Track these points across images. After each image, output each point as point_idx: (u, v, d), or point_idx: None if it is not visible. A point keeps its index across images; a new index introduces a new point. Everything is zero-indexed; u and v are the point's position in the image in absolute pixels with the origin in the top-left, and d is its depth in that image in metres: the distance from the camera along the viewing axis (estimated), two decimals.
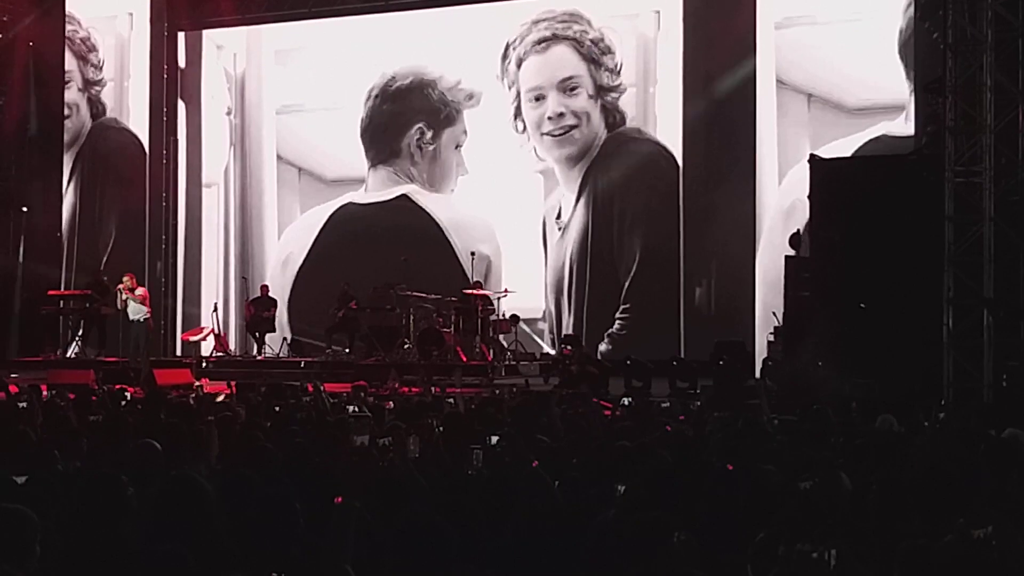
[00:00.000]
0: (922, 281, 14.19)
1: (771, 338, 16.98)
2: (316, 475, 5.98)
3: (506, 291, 20.51)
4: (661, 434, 8.33)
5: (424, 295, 20.79)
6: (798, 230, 17.10)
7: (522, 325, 20.28)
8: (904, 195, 14.55)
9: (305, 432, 8.07)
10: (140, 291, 19.61)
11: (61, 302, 21.90)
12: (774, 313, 17.62)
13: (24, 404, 10.23)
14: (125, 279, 19.82)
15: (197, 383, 15.43)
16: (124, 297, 19.45)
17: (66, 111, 24.19)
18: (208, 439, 7.57)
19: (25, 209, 23.89)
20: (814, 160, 16.23)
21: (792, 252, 16.49)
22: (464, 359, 18.95)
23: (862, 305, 14.49)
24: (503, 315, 20.12)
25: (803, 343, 14.62)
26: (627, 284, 20.23)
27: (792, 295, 15.56)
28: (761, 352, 17.61)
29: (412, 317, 20.17)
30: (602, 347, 19.89)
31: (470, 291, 19.84)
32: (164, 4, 23.46)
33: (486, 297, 19.83)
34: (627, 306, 20.20)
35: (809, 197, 16.31)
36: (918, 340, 14.02)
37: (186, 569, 4.30)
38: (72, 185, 24.36)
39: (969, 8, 14.16)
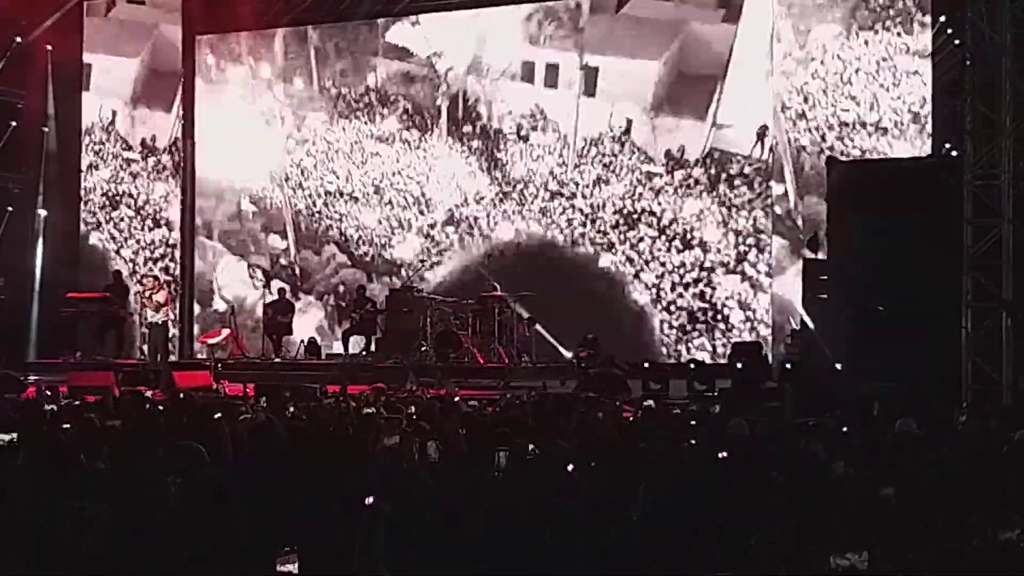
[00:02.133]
0: (941, 284, 14.18)
1: (789, 340, 16.99)
2: (347, 476, 6.02)
3: (523, 293, 20.54)
4: (684, 437, 8.34)
5: (441, 297, 20.85)
6: (816, 232, 17.10)
7: (538, 327, 20.29)
8: (923, 197, 14.53)
9: (332, 434, 8.11)
10: (161, 295, 19.74)
11: (79, 304, 21.96)
12: (791, 316, 17.64)
13: (52, 407, 10.28)
14: (146, 282, 19.99)
15: (217, 385, 15.49)
16: (142, 302, 19.66)
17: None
18: (234, 441, 7.62)
19: (44, 213, 24.06)
20: (832, 162, 16.24)
21: (810, 254, 16.51)
22: (481, 361, 18.97)
23: (880, 308, 14.47)
24: (520, 317, 20.13)
25: (821, 346, 14.63)
26: None
27: (810, 297, 15.54)
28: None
29: (429, 319, 20.23)
30: None
31: (487, 293, 19.89)
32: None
33: (503, 299, 19.87)
34: None
35: (827, 199, 16.33)
36: (937, 343, 14.00)
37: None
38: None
39: (988, 11, 14.15)
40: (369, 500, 4.88)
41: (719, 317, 19.72)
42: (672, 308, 20.11)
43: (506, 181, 21.59)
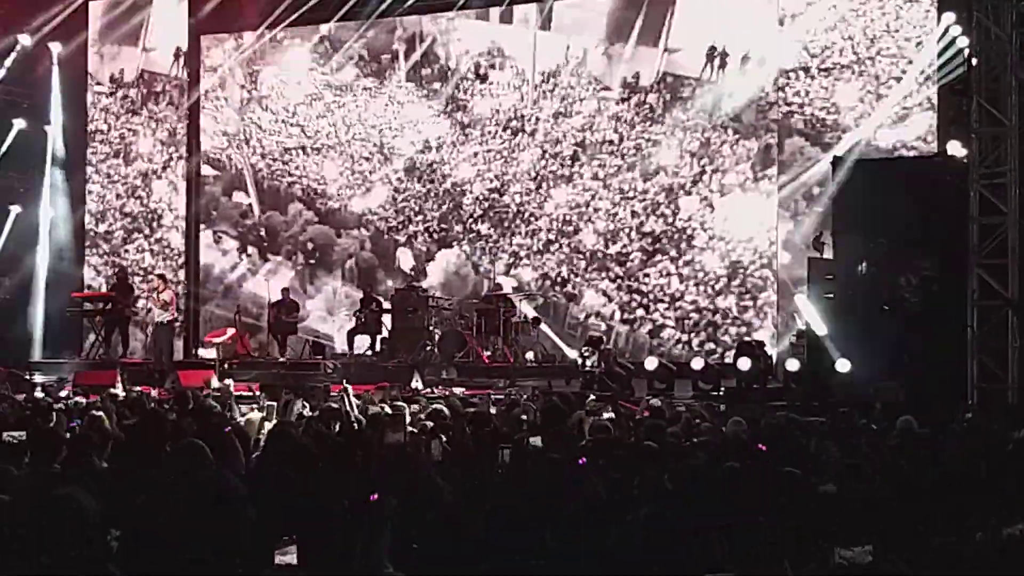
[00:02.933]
0: (947, 283, 14.16)
1: (793, 340, 16.98)
2: (351, 473, 6.02)
3: (528, 293, 20.58)
4: (690, 435, 8.34)
5: (446, 297, 20.86)
6: (821, 232, 17.09)
7: (543, 327, 20.30)
8: (928, 196, 14.51)
9: (336, 432, 8.12)
10: (166, 294, 19.79)
11: (84, 304, 22.00)
12: (795, 315, 17.62)
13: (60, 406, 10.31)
14: (152, 282, 20.10)
15: (222, 384, 15.48)
16: (147, 301, 19.75)
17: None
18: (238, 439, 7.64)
19: (54, 213, 24.12)
20: (837, 161, 16.22)
21: (815, 254, 16.50)
22: (486, 361, 18.98)
23: (885, 307, 14.46)
24: (525, 317, 20.14)
25: (826, 345, 14.62)
26: None
27: (815, 297, 15.52)
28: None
29: (434, 319, 20.24)
30: None
31: (492, 293, 19.90)
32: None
33: (507, 299, 19.88)
34: None
35: (832, 198, 16.32)
36: (942, 341, 13.99)
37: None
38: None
39: (994, 10, 14.14)
40: (374, 497, 4.88)
41: (683, 238, 19.96)
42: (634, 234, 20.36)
43: (468, 123, 21.67)
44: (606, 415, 9.64)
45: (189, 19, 23.61)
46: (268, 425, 9.81)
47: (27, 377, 16.41)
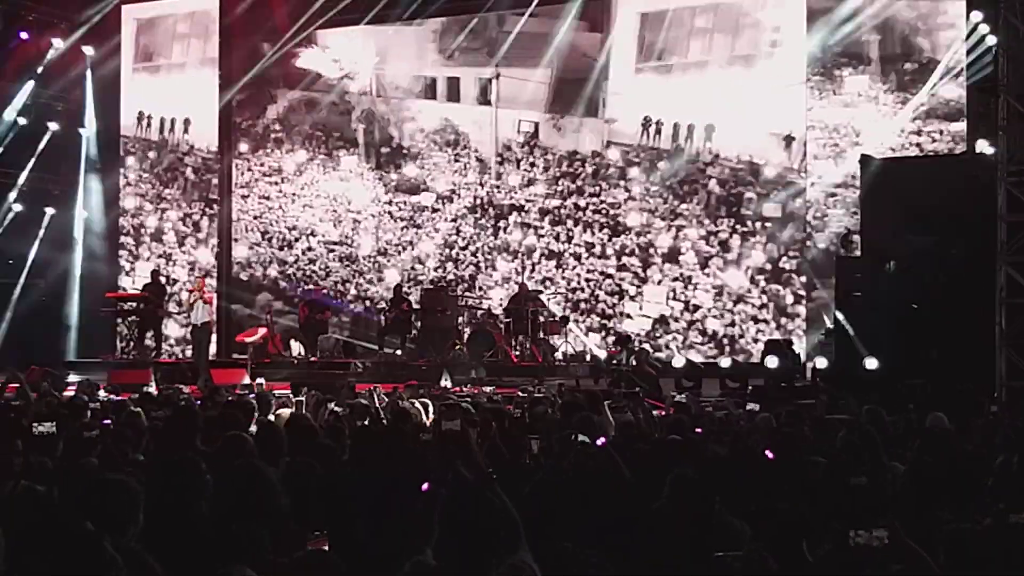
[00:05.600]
0: (974, 280, 14.14)
1: (823, 338, 16.98)
2: (380, 467, 6.12)
3: (556, 292, 20.67)
4: (713, 428, 8.41)
5: (475, 296, 20.97)
6: (849, 230, 17.10)
7: (571, 326, 20.38)
8: (956, 194, 14.50)
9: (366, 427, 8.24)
10: (208, 294, 20.12)
11: (119, 304, 22.26)
12: (824, 313, 17.63)
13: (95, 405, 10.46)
14: (197, 282, 20.48)
15: (256, 382, 15.65)
16: (193, 300, 20.06)
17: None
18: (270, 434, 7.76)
19: (87, 215, 24.43)
20: (865, 160, 16.22)
21: (843, 252, 16.50)
22: (514, 360, 19.07)
23: (914, 306, 14.46)
24: (553, 316, 20.23)
25: (855, 343, 14.63)
26: None
27: (843, 295, 15.53)
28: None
29: (463, 318, 20.37)
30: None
31: (520, 293, 20.00)
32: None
33: (536, 298, 19.97)
34: None
35: (860, 197, 16.32)
36: (970, 339, 13.97)
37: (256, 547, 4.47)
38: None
39: (1021, 7, 14.10)
40: (425, 487, 4.96)
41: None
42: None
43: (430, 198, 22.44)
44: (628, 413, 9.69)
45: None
46: None
47: (63, 376, 16.58)
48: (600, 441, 6.54)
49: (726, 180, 19.96)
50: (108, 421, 9.20)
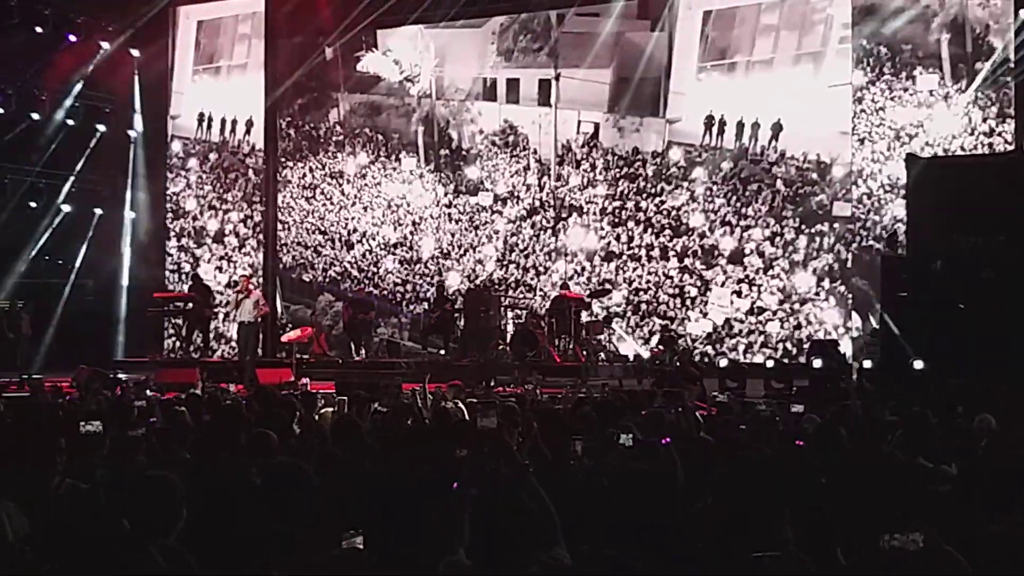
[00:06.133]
0: (1022, 279, 13.96)
1: (868, 338, 16.84)
2: (423, 466, 6.15)
3: (598, 293, 20.64)
4: (756, 429, 8.36)
5: (518, 297, 20.99)
6: (895, 229, 16.95)
7: (615, 326, 20.35)
8: (1003, 193, 14.32)
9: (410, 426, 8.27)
10: (255, 295, 20.35)
11: (166, 304, 22.50)
12: (870, 314, 17.49)
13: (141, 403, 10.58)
14: (242, 281, 20.74)
15: (301, 381, 15.77)
16: (239, 299, 20.29)
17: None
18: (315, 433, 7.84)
19: (135, 215, 24.70)
20: (911, 158, 16.07)
21: (889, 251, 16.35)
22: (557, 360, 19.06)
23: (960, 305, 14.30)
24: (596, 316, 20.21)
25: (901, 344, 14.49)
26: None
27: (889, 295, 15.39)
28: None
29: (506, 319, 20.39)
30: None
31: (563, 293, 19.99)
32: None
33: (579, 299, 19.97)
34: None
35: (906, 196, 16.17)
36: (1018, 338, 13.79)
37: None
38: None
39: None
40: (454, 485, 4.96)
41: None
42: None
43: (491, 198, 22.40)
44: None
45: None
46: None
47: (112, 375, 16.79)
48: (665, 440, 6.51)
49: (792, 180, 19.77)
50: (154, 420, 9.31)
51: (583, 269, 21.32)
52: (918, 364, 14.19)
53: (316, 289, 23.87)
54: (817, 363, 15.87)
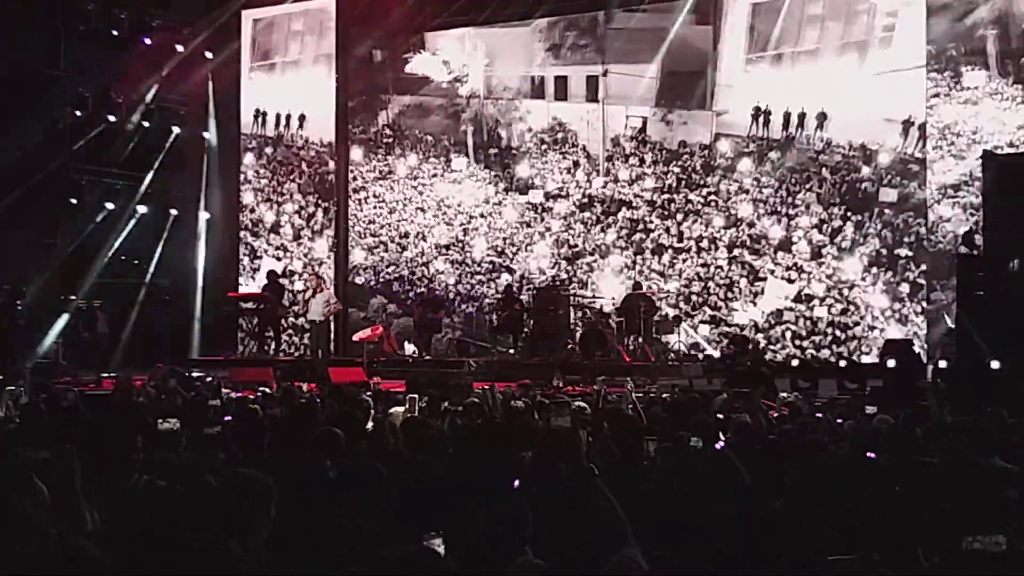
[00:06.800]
0: None
1: (945, 338, 16.61)
2: (494, 464, 6.19)
3: (668, 292, 20.58)
4: (828, 430, 8.30)
5: (587, 296, 20.97)
6: (972, 228, 16.71)
7: (685, 326, 20.27)
8: None
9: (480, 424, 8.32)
10: (326, 293, 20.56)
11: (239, 303, 22.79)
12: (946, 313, 17.25)
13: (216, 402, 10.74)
14: (311, 278, 21.09)
15: (373, 380, 15.89)
16: (308, 297, 20.60)
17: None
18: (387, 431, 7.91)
19: (210, 216, 25.07)
20: (987, 156, 15.83)
21: (965, 251, 16.11)
22: (627, 359, 19.03)
23: None
24: (666, 315, 20.15)
25: (977, 344, 14.27)
26: None
27: (966, 294, 15.17)
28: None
29: (576, 317, 20.39)
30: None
31: (633, 292, 19.95)
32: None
33: (648, 298, 19.92)
34: None
35: (983, 194, 15.92)
36: None
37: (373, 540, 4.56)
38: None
39: None
40: (515, 483, 4.99)
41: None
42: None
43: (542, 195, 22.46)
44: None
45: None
46: None
47: (188, 374, 17.06)
48: (719, 444, 6.51)
49: (839, 168, 19.66)
50: (229, 418, 9.46)
51: (633, 263, 21.30)
52: (995, 364, 13.97)
53: (368, 292, 24.04)
54: (891, 363, 15.68)
